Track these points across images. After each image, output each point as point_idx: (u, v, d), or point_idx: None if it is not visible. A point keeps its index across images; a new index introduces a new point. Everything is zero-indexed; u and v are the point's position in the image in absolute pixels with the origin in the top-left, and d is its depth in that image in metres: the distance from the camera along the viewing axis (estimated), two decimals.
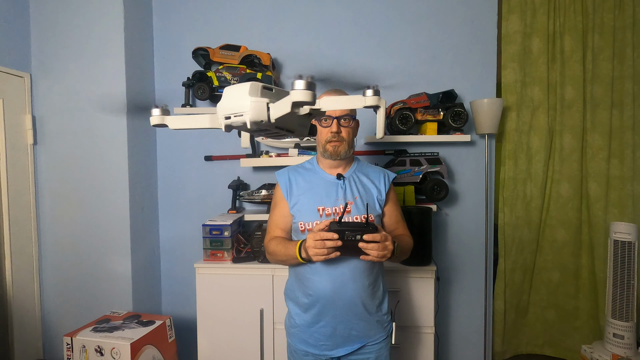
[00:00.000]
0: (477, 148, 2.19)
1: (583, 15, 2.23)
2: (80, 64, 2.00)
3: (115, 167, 2.03)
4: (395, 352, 1.74)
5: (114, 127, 2.02)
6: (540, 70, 2.27)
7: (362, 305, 1.25)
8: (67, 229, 2.07)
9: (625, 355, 1.89)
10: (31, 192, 2.03)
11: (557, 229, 2.34)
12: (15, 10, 1.94)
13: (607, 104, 2.23)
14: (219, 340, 1.91)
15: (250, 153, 2.16)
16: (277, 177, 1.36)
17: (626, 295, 1.91)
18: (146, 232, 2.21)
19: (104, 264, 2.06)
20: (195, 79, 2.10)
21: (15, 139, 1.94)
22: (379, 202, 1.32)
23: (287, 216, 1.32)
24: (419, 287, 1.85)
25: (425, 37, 2.18)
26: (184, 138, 2.30)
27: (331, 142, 1.27)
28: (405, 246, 1.31)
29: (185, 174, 2.32)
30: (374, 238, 1.09)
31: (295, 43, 2.23)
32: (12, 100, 1.92)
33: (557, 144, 2.31)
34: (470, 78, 2.16)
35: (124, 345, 1.58)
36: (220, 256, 1.94)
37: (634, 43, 2.19)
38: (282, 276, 1.84)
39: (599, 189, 2.27)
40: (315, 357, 1.31)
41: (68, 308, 2.09)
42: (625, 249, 1.90)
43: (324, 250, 1.08)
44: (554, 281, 2.37)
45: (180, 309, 2.34)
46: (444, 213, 2.23)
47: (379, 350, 1.32)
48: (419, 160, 2.05)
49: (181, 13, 2.28)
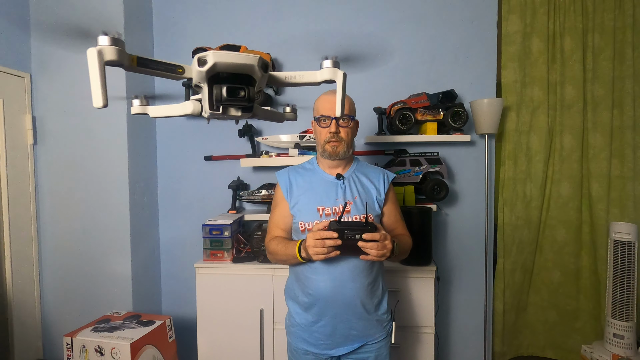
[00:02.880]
0: (477, 148, 2.19)
1: (583, 15, 2.23)
2: (80, 64, 2.01)
3: (115, 167, 2.03)
4: (395, 351, 1.74)
5: (114, 127, 2.02)
6: (540, 70, 2.27)
7: (361, 305, 1.25)
8: (67, 229, 2.07)
9: (625, 355, 1.89)
10: (31, 192, 2.03)
11: (558, 229, 2.34)
12: (15, 10, 1.94)
13: (608, 104, 2.23)
14: (219, 340, 1.91)
15: (250, 153, 2.16)
16: (277, 177, 1.37)
17: (626, 295, 1.91)
18: (146, 232, 2.21)
19: (104, 264, 2.06)
20: None
21: (15, 139, 1.94)
22: (378, 202, 1.33)
23: (287, 216, 1.32)
24: (419, 287, 1.84)
25: (425, 37, 2.18)
26: (184, 138, 2.31)
27: (330, 143, 1.28)
28: (404, 246, 1.31)
29: (185, 174, 2.32)
30: (374, 237, 1.09)
31: (295, 43, 2.23)
32: (12, 100, 1.92)
33: (557, 144, 2.31)
34: (470, 78, 2.16)
35: (124, 345, 1.58)
36: (220, 256, 1.94)
37: (634, 43, 2.19)
38: (282, 276, 1.84)
39: (600, 189, 2.27)
40: (316, 356, 1.31)
41: (68, 308, 2.09)
42: (625, 249, 1.90)
43: (324, 250, 1.09)
44: (555, 282, 2.36)
45: (180, 309, 2.33)
46: (444, 213, 2.23)
47: (379, 350, 1.33)
48: (419, 160, 2.05)
49: (181, 13, 2.28)
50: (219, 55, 0.82)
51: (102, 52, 0.78)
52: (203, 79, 0.86)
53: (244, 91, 0.87)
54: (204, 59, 0.81)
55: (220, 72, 0.86)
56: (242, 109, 0.92)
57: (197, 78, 0.87)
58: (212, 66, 0.82)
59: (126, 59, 0.80)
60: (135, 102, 1.09)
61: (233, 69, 0.85)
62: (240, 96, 0.87)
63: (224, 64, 0.83)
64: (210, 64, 0.81)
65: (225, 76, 0.87)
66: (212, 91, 0.88)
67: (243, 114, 0.93)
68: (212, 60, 0.81)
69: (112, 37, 0.77)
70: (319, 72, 0.93)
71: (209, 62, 0.81)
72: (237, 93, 0.87)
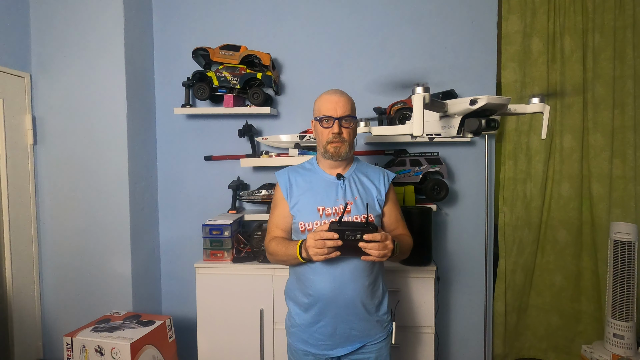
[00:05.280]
0: (477, 148, 2.19)
1: (583, 15, 2.22)
2: (80, 64, 2.00)
3: (115, 167, 2.03)
4: (395, 352, 1.74)
5: (114, 127, 2.02)
6: (540, 70, 2.26)
7: (361, 305, 1.25)
8: (67, 229, 2.06)
9: (625, 356, 1.89)
10: (31, 192, 2.03)
11: (559, 230, 2.33)
12: (15, 10, 1.94)
13: (609, 104, 2.23)
14: (219, 340, 1.91)
15: (250, 153, 2.16)
16: (277, 177, 1.36)
17: (626, 296, 1.91)
18: (146, 232, 2.21)
19: (104, 264, 2.06)
20: (195, 79, 2.10)
21: (15, 139, 1.94)
22: (378, 202, 1.33)
23: (287, 216, 1.32)
24: (419, 287, 1.85)
25: (425, 37, 2.18)
26: (184, 138, 2.30)
27: (332, 143, 1.27)
28: (405, 246, 1.31)
29: (185, 174, 2.32)
30: (374, 237, 1.09)
31: (295, 43, 2.23)
32: (12, 100, 1.92)
33: (557, 144, 2.31)
34: (470, 78, 2.16)
35: (124, 345, 1.58)
36: (220, 256, 1.94)
37: (634, 43, 2.19)
38: (282, 276, 1.83)
39: (601, 190, 2.26)
40: (316, 357, 1.31)
41: (68, 308, 2.09)
42: (626, 249, 1.90)
43: (324, 250, 1.09)
44: (556, 284, 2.35)
45: (180, 309, 2.33)
46: (444, 213, 2.23)
47: (379, 350, 1.33)
48: (419, 160, 2.05)
49: (181, 13, 2.28)
50: (491, 98, 1.08)
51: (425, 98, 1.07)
52: (463, 113, 1.15)
53: (494, 122, 1.13)
54: (476, 101, 1.09)
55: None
56: (477, 133, 1.19)
57: (457, 112, 1.16)
58: (482, 106, 1.09)
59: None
60: (361, 124, 1.48)
61: (494, 107, 1.12)
62: (491, 126, 1.13)
63: (492, 104, 1.09)
64: (481, 105, 1.08)
65: (477, 111, 1.13)
66: (462, 121, 1.17)
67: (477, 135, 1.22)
68: (484, 101, 1.08)
69: (425, 86, 1.07)
70: (528, 106, 1.21)
71: (480, 103, 1.08)
72: (490, 124, 1.13)
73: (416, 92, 1.06)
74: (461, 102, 1.14)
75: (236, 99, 2.11)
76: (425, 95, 1.05)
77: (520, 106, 1.22)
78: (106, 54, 1.99)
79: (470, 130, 1.16)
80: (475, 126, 1.13)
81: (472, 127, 1.14)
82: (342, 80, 2.18)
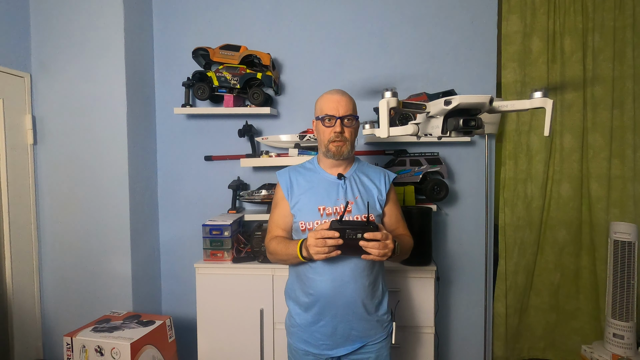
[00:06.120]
0: (477, 148, 2.19)
1: (583, 15, 2.22)
2: (80, 64, 2.00)
3: (115, 167, 2.03)
4: (395, 352, 1.74)
5: (114, 127, 2.02)
6: (540, 70, 2.27)
7: (362, 305, 1.25)
8: (67, 229, 2.06)
9: (625, 355, 1.89)
10: (31, 192, 2.03)
11: (558, 230, 2.33)
12: (15, 10, 1.94)
13: (608, 104, 2.23)
14: (219, 340, 1.91)
15: (250, 153, 2.16)
16: (277, 177, 1.36)
17: (626, 295, 1.91)
18: (146, 232, 2.21)
19: (104, 264, 2.06)
20: (195, 79, 2.10)
21: (15, 139, 1.94)
22: (379, 201, 1.33)
23: (287, 216, 1.32)
24: (419, 287, 1.85)
25: (425, 37, 2.18)
26: (184, 138, 2.30)
27: (334, 142, 1.27)
28: (405, 245, 1.31)
29: (185, 174, 2.32)
30: (375, 236, 1.09)
31: (295, 43, 2.23)
32: (12, 100, 1.92)
33: (557, 144, 2.31)
34: (470, 78, 2.16)
35: (124, 345, 1.58)
36: (220, 256, 1.94)
37: (634, 43, 2.19)
38: (282, 276, 1.83)
39: (600, 189, 2.26)
40: (316, 357, 1.31)
41: (68, 308, 2.08)
42: (625, 249, 1.90)
43: (325, 249, 1.09)
44: (555, 283, 2.35)
45: (180, 309, 2.33)
46: (444, 213, 2.23)
47: (379, 350, 1.33)
48: (419, 160, 2.05)
49: (181, 13, 2.28)
50: (463, 98, 1.08)
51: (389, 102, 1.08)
52: (442, 113, 1.14)
53: (474, 121, 1.12)
54: (450, 101, 1.09)
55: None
56: (466, 133, 1.17)
57: (437, 112, 1.15)
58: (456, 105, 1.08)
59: (400, 104, 1.10)
60: (366, 126, 1.64)
61: (469, 106, 1.11)
62: (471, 125, 1.12)
63: (465, 104, 1.10)
64: (455, 104, 1.08)
65: (459, 110, 1.12)
66: (445, 121, 1.16)
67: (467, 135, 1.22)
68: (457, 101, 1.08)
69: (393, 91, 1.08)
70: (528, 101, 1.15)
71: (454, 103, 1.08)
72: (469, 123, 1.12)
73: (385, 96, 1.07)
74: (438, 103, 1.13)
75: (236, 99, 2.11)
76: (389, 100, 1.07)
77: (520, 102, 1.17)
78: (106, 54, 1.99)
79: (450, 130, 1.16)
80: (452, 126, 1.14)
81: (451, 127, 1.15)
82: (342, 80, 2.18)
